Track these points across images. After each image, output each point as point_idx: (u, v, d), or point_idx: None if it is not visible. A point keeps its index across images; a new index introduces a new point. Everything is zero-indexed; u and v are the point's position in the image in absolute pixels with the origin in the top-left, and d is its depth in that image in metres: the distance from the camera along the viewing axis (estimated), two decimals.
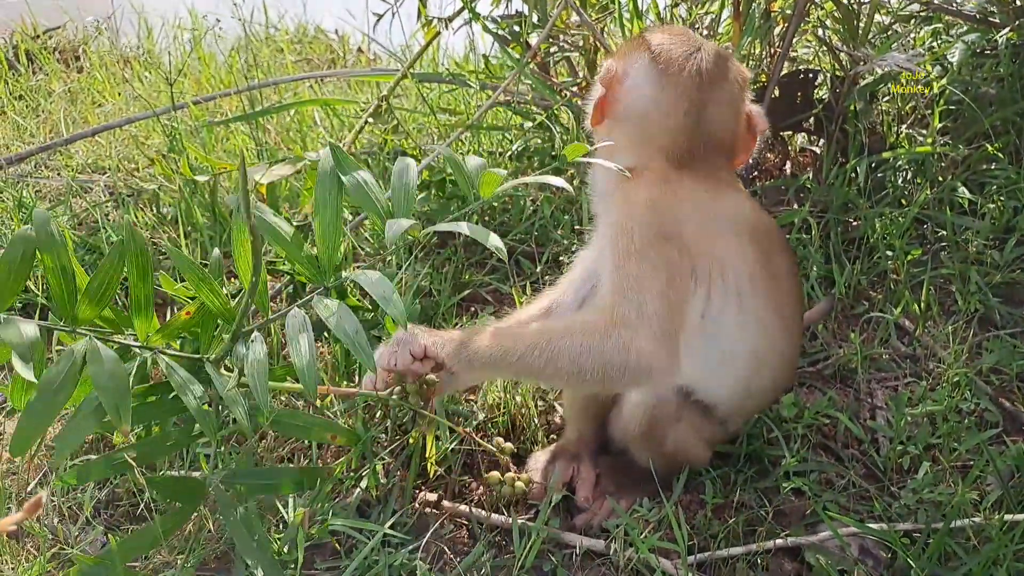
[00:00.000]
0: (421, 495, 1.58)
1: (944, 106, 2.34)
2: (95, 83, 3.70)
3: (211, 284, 1.31)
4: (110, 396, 1.15)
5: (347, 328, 1.21)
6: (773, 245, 1.51)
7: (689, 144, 1.44)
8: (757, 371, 1.51)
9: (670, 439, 1.50)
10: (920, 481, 1.55)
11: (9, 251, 1.19)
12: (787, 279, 1.52)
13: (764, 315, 1.47)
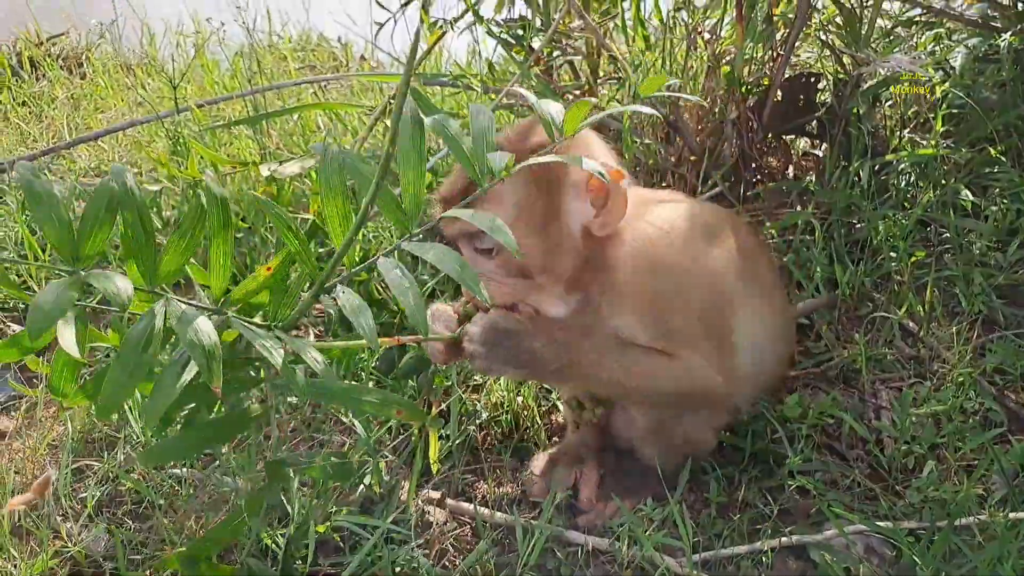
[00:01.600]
0: (424, 493, 1.57)
1: (947, 110, 2.35)
2: (98, 89, 3.72)
3: (299, 233, 1.29)
4: (200, 353, 1.09)
5: (451, 262, 1.16)
6: (737, 229, 1.52)
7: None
8: (759, 352, 1.52)
9: (679, 432, 1.51)
10: (925, 480, 1.55)
11: (92, 204, 1.15)
12: (761, 255, 1.57)
13: (755, 299, 1.50)
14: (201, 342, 1.12)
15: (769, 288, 1.55)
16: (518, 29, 2.40)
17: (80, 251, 1.16)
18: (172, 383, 1.18)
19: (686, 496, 1.61)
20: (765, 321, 1.52)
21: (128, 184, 1.19)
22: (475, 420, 1.70)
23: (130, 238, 1.19)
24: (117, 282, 1.13)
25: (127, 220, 1.18)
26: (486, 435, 1.72)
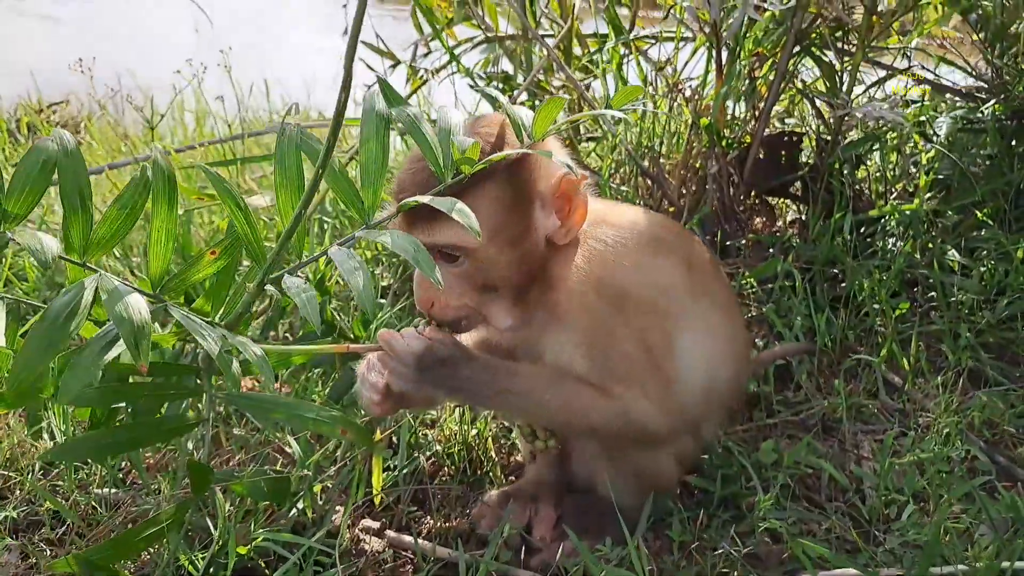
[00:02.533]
0: (363, 522, 1.45)
1: (933, 176, 2.31)
2: (92, 152, 3.74)
3: (247, 212, 1.22)
4: (128, 329, 1.00)
5: (406, 245, 1.10)
6: (685, 244, 1.45)
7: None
8: (712, 373, 1.42)
9: (635, 462, 1.40)
10: (905, 523, 1.43)
11: (26, 160, 1.09)
12: (713, 272, 1.48)
13: (705, 318, 1.41)
14: (130, 317, 1.03)
15: (723, 306, 1.46)
16: (499, 82, 2.41)
17: (7, 207, 1.10)
18: (95, 359, 1.08)
19: (649, 538, 1.49)
20: (718, 340, 1.43)
21: (68, 146, 1.14)
22: (426, 451, 1.59)
23: (66, 201, 1.13)
24: (43, 240, 1.07)
25: (64, 183, 1.13)
26: (437, 469, 1.61)
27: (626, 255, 1.32)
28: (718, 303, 1.44)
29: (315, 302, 1.15)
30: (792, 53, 2.19)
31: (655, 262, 1.36)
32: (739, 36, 2.21)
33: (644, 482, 1.43)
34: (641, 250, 1.35)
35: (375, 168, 1.24)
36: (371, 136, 1.24)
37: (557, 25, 2.42)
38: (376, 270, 2.22)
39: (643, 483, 1.43)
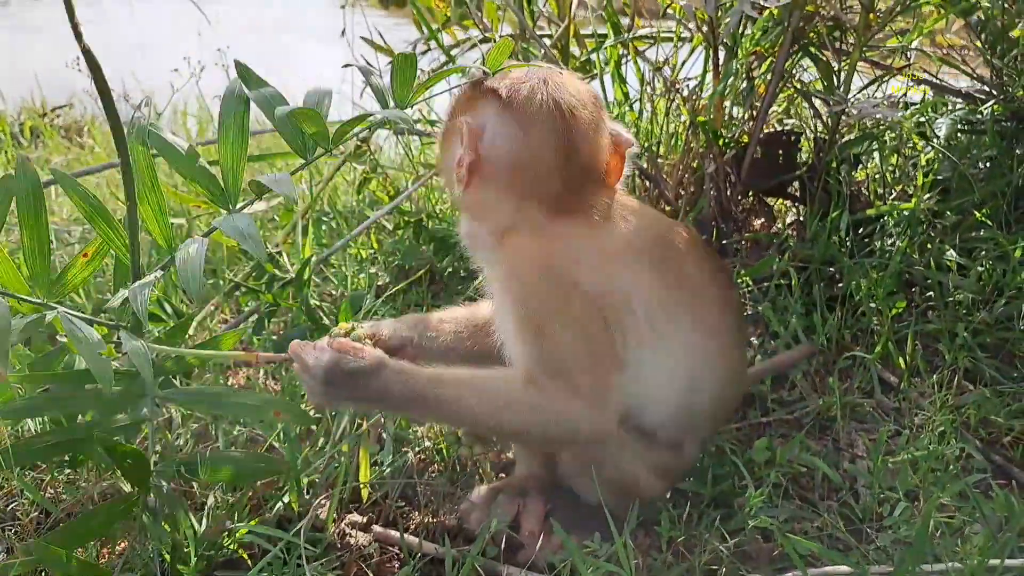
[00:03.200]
0: (349, 517, 1.44)
1: (932, 177, 2.30)
2: (95, 156, 3.76)
3: (106, 214, 1.22)
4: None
5: (240, 225, 1.11)
6: (682, 258, 1.40)
7: (563, 185, 1.31)
8: (693, 390, 1.40)
9: (610, 466, 1.38)
10: (896, 520, 1.41)
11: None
12: (707, 287, 1.42)
13: (685, 334, 1.36)
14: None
15: (710, 327, 1.41)
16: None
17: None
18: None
19: (640, 540, 1.47)
20: (696, 352, 1.39)
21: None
22: (415, 447, 1.58)
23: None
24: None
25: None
26: (427, 464, 1.60)
27: (594, 246, 1.32)
28: (704, 323, 1.39)
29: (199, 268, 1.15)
30: (790, 52, 2.18)
31: (628, 267, 1.34)
32: (736, 35, 2.20)
33: (620, 491, 1.41)
34: (620, 250, 1.34)
35: (235, 152, 1.25)
36: (229, 118, 1.25)
37: (555, 25, 2.42)
38: (372, 269, 2.22)
39: (619, 492, 1.41)
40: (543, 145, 1.28)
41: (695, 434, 1.48)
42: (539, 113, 1.27)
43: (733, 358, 1.48)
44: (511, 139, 1.28)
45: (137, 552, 1.30)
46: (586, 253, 1.32)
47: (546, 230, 1.31)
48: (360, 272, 2.16)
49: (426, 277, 2.15)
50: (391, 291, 2.10)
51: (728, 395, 1.51)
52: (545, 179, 1.29)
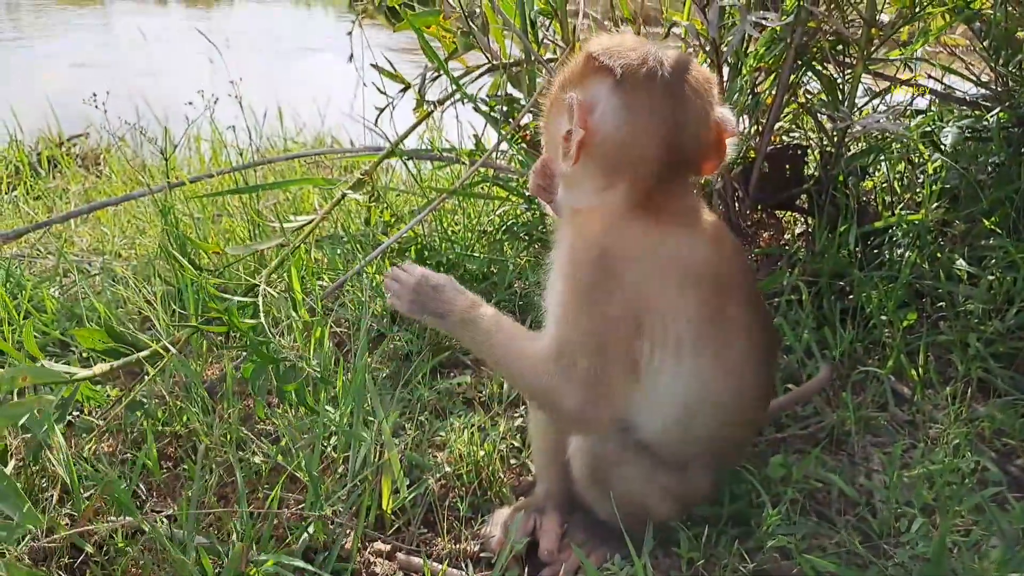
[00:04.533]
0: (373, 545, 1.47)
1: (940, 186, 2.31)
2: (111, 185, 3.81)
3: None
4: None
5: None
6: (728, 290, 1.39)
7: (660, 171, 1.32)
8: (692, 419, 1.40)
9: (616, 481, 1.41)
10: (914, 535, 1.42)
11: None
12: (743, 329, 1.39)
13: (704, 365, 1.36)
14: None
15: (730, 356, 1.39)
16: (503, 105, 2.44)
17: None
18: None
19: (661, 560, 1.49)
20: (708, 385, 1.39)
21: None
22: (435, 473, 1.61)
23: None
24: None
25: None
26: (447, 490, 1.63)
27: (657, 253, 1.34)
28: (727, 360, 1.39)
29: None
30: (793, 67, 2.20)
31: (677, 286, 1.34)
32: (740, 52, 2.23)
33: (631, 510, 1.43)
34: (676, 266, 1.34)
35: None
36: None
37: (560, 49, 2.45)
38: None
39: (631, 511, 1.43)
40: (651, 129, 1.29)
41: (703, 460, 1.47)
42: (652, 96, 1.28)
43: (750, 396, 1.46)
44: (620, 119, 1.29)
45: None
46: (645, 257, 1.33)
47: (618, 220, 1.33)
48: (373, 296, 2.19)
49: None
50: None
51: (742, 431, 1.51)
52: (645, 163, 1.31)
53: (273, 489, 1.62)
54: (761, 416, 1.56)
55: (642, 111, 1.29)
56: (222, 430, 1.74)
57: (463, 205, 2.41)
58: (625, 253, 1.32)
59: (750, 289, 1.46)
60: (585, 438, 1.42)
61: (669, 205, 1.36)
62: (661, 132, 1.30)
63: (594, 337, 1.32)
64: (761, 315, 1.47)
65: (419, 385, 1.90)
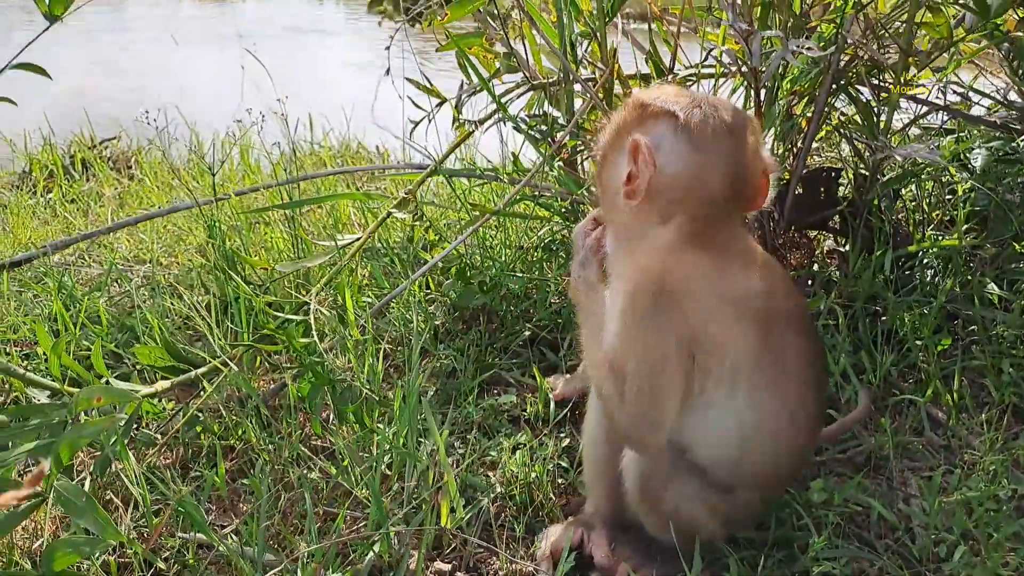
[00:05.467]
0: (434, 565, 1.53)
1: (970, 208, 2.36)
2: (144, 189, 3.88)
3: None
4: None
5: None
6: (785, 324, 1.45)
7: (719, 207, 1.41)
8: (746, 447, 1.45)
9: (667, 498, 1.47)
10: (956, 564, 1.48)
11: None
12: (798, 360, 1.45)
13: (759, 397, 1.42)
14: None
15: (787, 395, 1.45)
16: (543, 125, 2.48)
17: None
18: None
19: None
20: (762, 418, 1.44)
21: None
22: (489, 493, 1.67)
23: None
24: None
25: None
26: (501, 509, 1.69)
27: (713, 286, 1.41)
28: (779, 392, 1.44)
29: None
30: (829, 93, 2.25)
31: (734, 318, 1.40)
32: (776, 76, 2.27)
33: (678, 527, 1.49)
34: (733, 299, 1.41)
35: None
36: None
37: (598, 68, 2.50)
38: (430, 308, 2.30)
39: (681, 524, 1.49)
40: (713, 167, 1.39)
41: (752, 485, 1.52)
42: (713, 136, 1.38)
43: (804, 426, 1.50)
44: (685, 159, 1.39)
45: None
46: (702, 290, 1.40)
47: (674, 254, 1.41)
48: (419, 315, 2.24)
49: (483, 317, 2.23)
50: (450, 332, 2.20)
51: (794, 460, 1.56)
52: (706, 200, 1.41)
53: (329, 506, 1.69)
54: (811, 445, 1.61)
55: (708, 151, 1.38)
56: (279, 446, 1.80)
57: (503, 223, 2.46)
58: (683, 286, 1.39)
59: (804, 319, 1.51)
60: (636, 464, 1.48)
61: (721, 240, 1.44)
62: (724, 171, 1.39)
63: (647, 364, 1.39)
64: (814, 345, 1.52)
65: (465, 403, 1.96)
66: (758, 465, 1.49)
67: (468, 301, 2.22)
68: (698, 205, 1.41)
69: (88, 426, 1.42)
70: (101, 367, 1.66)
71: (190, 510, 1.47)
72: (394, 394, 1.94)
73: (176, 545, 1.58)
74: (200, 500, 1.69)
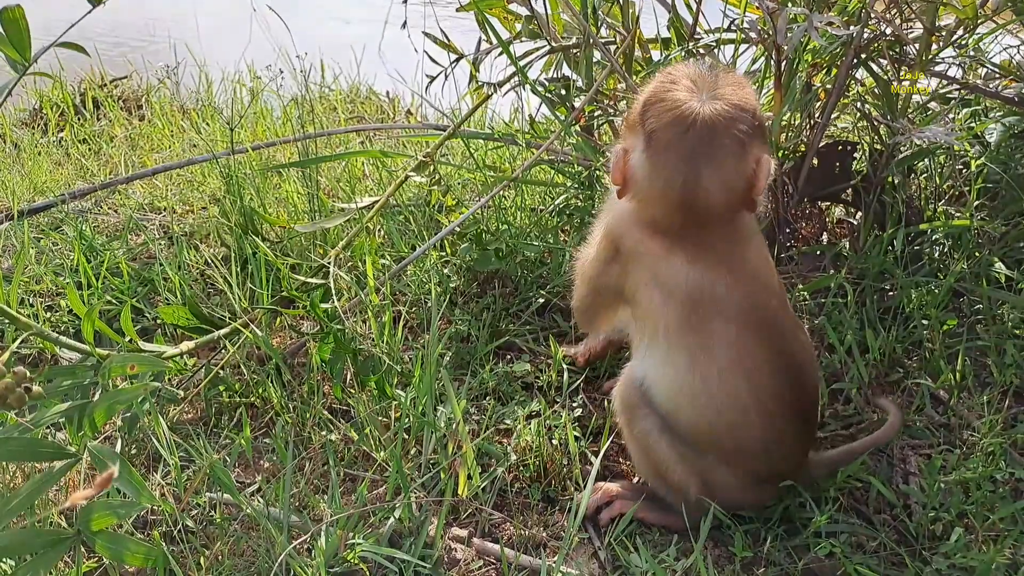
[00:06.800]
0: (452, 531, 1.60)
1: (982, 184, 2.38)
2: (155, 131, 3.87)
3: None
4: None
5: None
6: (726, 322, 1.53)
7: (682, 216, 1.49)
8: (684, 408, 1.58)
9: (637, 428, 1.61)
10: (952, 546, 1.55)
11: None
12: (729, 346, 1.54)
13: (684, 370, 1.55)
14: None
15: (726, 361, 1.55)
16: (561, 89, 2.48)
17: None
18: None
19: (711, 551, 1.62)
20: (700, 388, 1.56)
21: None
22: (504, 463, 1.73)
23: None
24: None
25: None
26: (514, 478, 1.75)
27: (651, 268, 1.55)
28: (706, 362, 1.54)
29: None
30: (850, 68, 2.24)
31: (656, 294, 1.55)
32: (799, 49, 2.27)
33: (654, 466, 1.64)
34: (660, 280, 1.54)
35: None
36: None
37: (617, 33, 2.48)
38: (444, 271, 2.34)
39: (654, 466, 1.64)
40: (668, 186, 1.47)
41: (716, 451, 1.60)
42: (671, 157, 1.45)
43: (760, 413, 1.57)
44: (643, 172, 1.49)
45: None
46: (644, 266, 1.56)
47: (638, 227, 1.56)
48: (434, 277, 2.28)
49: (498, 282, 2.27)
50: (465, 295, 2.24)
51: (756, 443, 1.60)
52: (669, 215, 1.50)
53: (348, 467, 1.76)
54: (791, 444, 1.64)
55: (662, 172, 1.47)
56: (301, 411, 1.86)
57: (519, 186, 2.48)
58: (631, 255, 1.57)
59: (769, 327, 1.56)
60: (623, 378, 1.66)
61: (690, 233, 1.51)
62: (678, 191, 1.47)
63: (591, 285, 1.70)
64: (776, 343, 1.57)
65: (479, 368, 2.01)
66: (705, 435, 1.59)
67: (484, 266, 2.25)
68: (662, 208, 1.51)
69: (124, 392, 1.46)
70: (130, 330, 1.70)
71: (219, 474, 1.53)
72: (411, 357, 2.00)
73: (203, 503, 1.64)
74: (226, 462, 1.75)
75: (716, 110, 1.43)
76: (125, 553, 1.39)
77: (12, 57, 1.43)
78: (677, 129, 1.43)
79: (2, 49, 1.42)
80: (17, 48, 1.42)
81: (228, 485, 1.53)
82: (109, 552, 1.37)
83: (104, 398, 1.45)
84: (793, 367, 1.58)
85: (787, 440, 1.62)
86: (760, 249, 1.62)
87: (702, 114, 1.42)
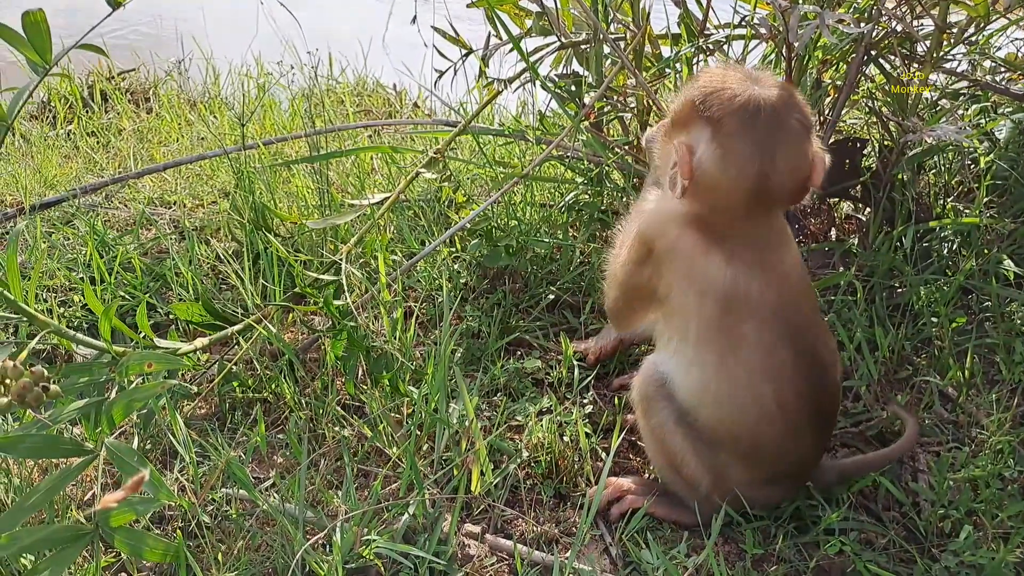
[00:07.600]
0: (465, 527, 1.61)
1: (991, 180, 2.38)
2: (163, 123, 3.88)
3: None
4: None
5: None
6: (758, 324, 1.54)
7: (748, 206, 1.49)
8: (706, 406, 1.59)
9: (654, 420, 1.63)
10: (961, 544, 1.56)
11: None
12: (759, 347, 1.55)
13: (711, 369, 1.57)
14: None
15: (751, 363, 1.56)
16: (572, 85, 2.49)
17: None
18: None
19: (721, 547, 1.64)
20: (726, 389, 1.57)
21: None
22: (516, 459, 1.74)
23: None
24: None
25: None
26: (526, 474, 1.76)
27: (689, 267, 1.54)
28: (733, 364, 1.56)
29: None
30: (861, 65, 2.25)
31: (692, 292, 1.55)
32: (809, 46, 2.27)
33: (669, 458, 1.65)
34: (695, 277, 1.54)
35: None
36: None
37: (627, 29, 2.48)
38: (455, 266, 2.35)
39: (669, 458, 1.65)
40: (744, 175, 1.46)
41: (730, 449, 1.61)
42: (745, 146, 1.44)
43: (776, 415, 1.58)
44: (717, 165, 1.47)
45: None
46: (682, 266, 1.55)
47: (678, 225, 1.56)
48: (445, 273, 2.29)
49: (508, 278, 2.28)
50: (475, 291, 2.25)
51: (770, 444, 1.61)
52: (733, 203, 1.49)
53: (361, 463, 1.77)
54: (806, 442, 1.64)
55: (737, 159, 1.45)
56: (314, 407, 1.87)
57: (529, 184, 2.49)
58: (667, 254, 1.57)
59: (799, 334, 1.57)
60: (642, 370, 1.67)
61: (732, 231, 1.53)
62: (752, 177, 1.45)
63: (623, 285, 1.70)
64: (804, 345, 1.57)
65: (490, 364, 2.03)
66: (724, 432, 1.60)
67: (494, 262, 2.26)
68: (724, 200, 1.50)
69: (142, 390, 1.48)
70: (146, 327, 1.71)
71: (236, 471, 1.54)
72: (422, 353, 2.01)
73: (218, 499, 1.66)
74: (241, 458, 1.76)
75: (778, 95, 1.45)
76: (144, 549, 1.41)
77: (33, 60, 1.44)
78: (746, 114, 1.43)
79: (23, 52, 1.43)
80: (38, 51, 1.43)
81: (244, 481, 1.54)
82: (128, 548, 1.39)
83: (122, 396, 1.47)
84: (817, 370, 1.59)
85: (804, 442, 1.63)
86: (794, 252, 1.63)
87: (768, 99, 1.44)
